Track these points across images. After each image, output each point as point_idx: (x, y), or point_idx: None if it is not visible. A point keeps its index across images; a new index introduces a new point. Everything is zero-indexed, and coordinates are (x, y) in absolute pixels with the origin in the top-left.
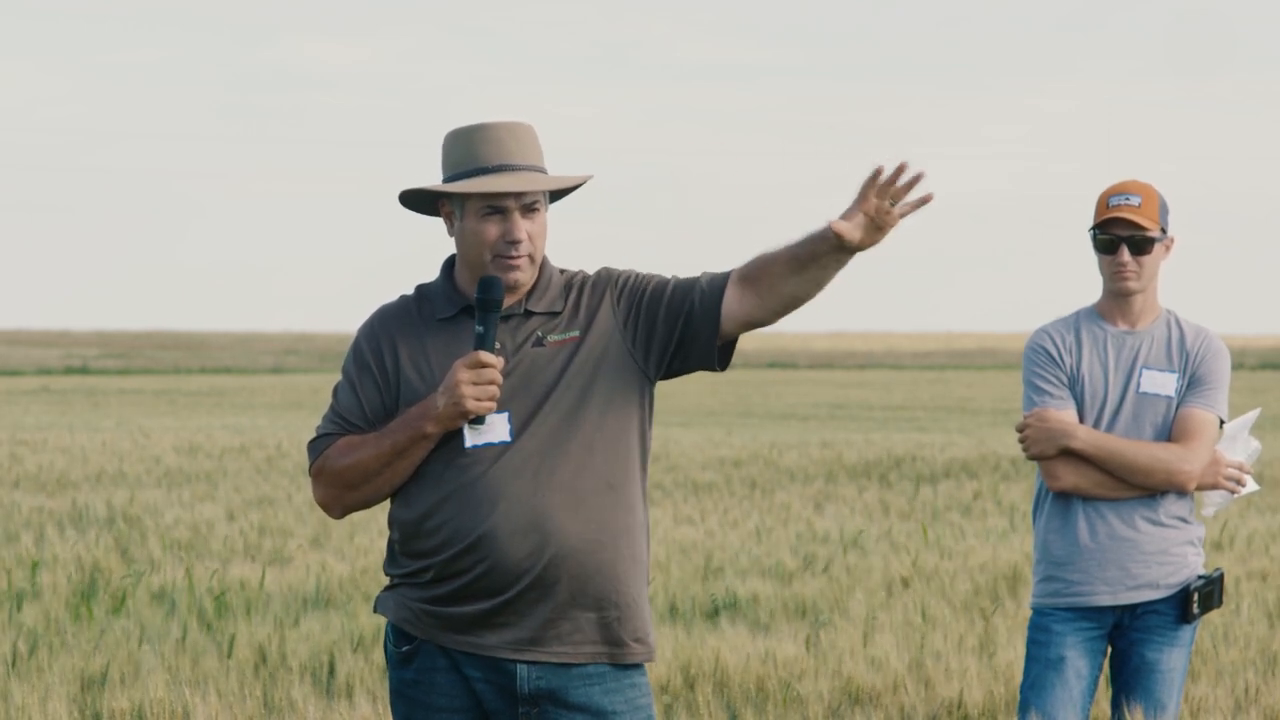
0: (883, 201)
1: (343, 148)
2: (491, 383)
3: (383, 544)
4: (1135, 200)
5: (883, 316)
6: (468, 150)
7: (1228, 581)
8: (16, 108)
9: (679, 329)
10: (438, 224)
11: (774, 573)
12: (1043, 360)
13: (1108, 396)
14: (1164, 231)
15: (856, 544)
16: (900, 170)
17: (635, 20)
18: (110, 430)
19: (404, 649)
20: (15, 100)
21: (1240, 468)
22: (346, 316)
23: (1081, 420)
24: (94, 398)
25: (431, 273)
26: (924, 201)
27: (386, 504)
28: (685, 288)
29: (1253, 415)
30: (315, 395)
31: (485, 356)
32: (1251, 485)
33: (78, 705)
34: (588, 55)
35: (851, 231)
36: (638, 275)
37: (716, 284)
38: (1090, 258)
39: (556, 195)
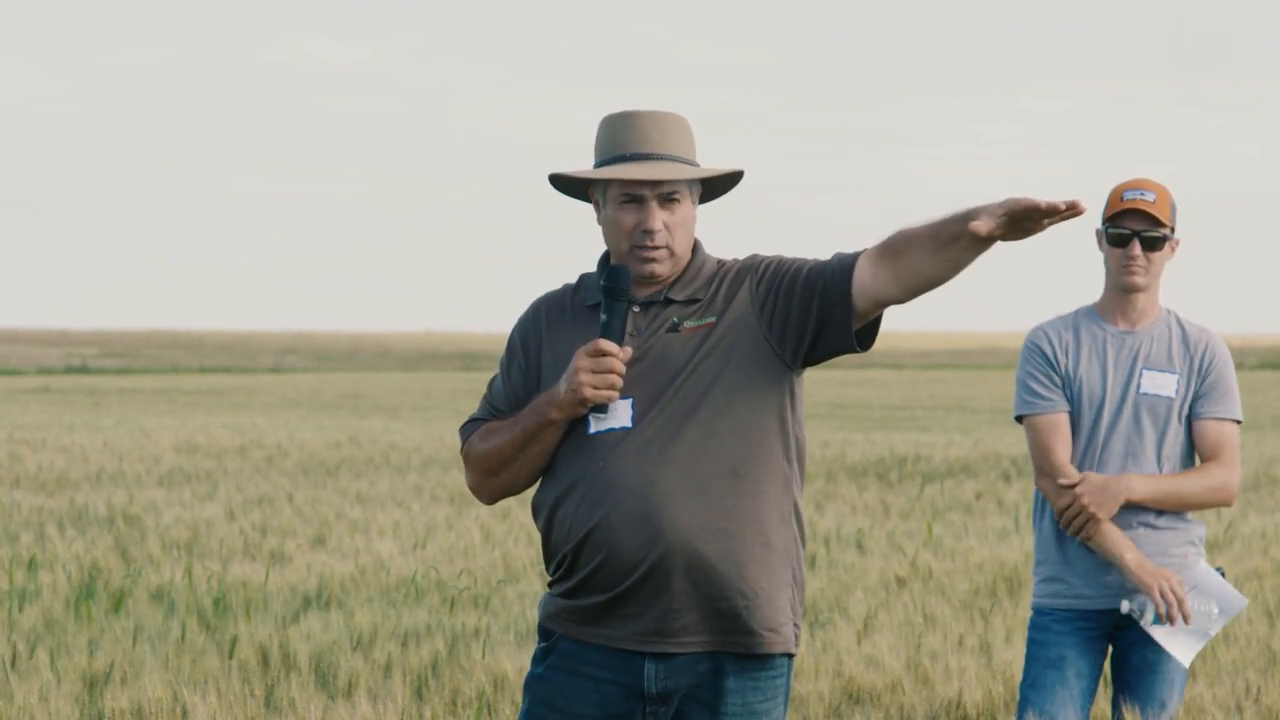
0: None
1: (342, 148)
2: (611, 371)
3: (381, 545)
4: (1150, 196)
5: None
6: (611, 137)
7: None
8: (16, 108)
9: (814, 312)
10: (438, 225)
11: None
12: (1037, 360)
13: (1106, 397)
14: (1172, 231)
15: (857, 543)
16: (1071, 207)
17: (634, 20)
18: (110, 430)
19: (541, 645)
20: (15, 100)
21: (1183, 603)
22: (345, 316)
23: (1078, 421)
24: (94, 397)
25: (432, 272)
26: (1076, 214)
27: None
28: (818, 269)
29: (1239, 605)
30: (314, 395)
31: (606, 345)
32: (1214, 620)
33: (79, 704)
34: (586, 55)
35: (993, 231)
36: (780, 261)
37: (847, 262)
38: (1090, 257)
39: (712, 191)
